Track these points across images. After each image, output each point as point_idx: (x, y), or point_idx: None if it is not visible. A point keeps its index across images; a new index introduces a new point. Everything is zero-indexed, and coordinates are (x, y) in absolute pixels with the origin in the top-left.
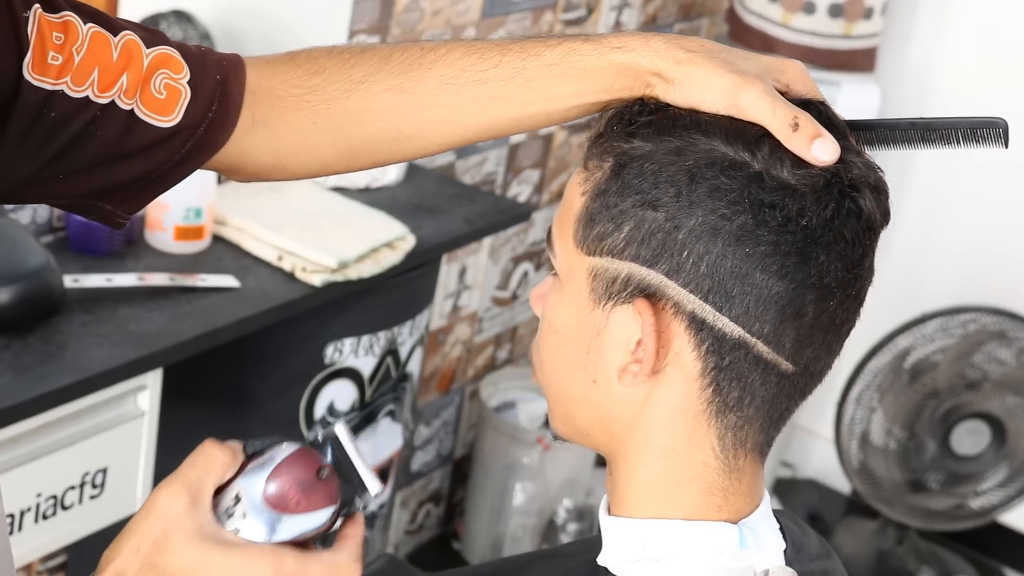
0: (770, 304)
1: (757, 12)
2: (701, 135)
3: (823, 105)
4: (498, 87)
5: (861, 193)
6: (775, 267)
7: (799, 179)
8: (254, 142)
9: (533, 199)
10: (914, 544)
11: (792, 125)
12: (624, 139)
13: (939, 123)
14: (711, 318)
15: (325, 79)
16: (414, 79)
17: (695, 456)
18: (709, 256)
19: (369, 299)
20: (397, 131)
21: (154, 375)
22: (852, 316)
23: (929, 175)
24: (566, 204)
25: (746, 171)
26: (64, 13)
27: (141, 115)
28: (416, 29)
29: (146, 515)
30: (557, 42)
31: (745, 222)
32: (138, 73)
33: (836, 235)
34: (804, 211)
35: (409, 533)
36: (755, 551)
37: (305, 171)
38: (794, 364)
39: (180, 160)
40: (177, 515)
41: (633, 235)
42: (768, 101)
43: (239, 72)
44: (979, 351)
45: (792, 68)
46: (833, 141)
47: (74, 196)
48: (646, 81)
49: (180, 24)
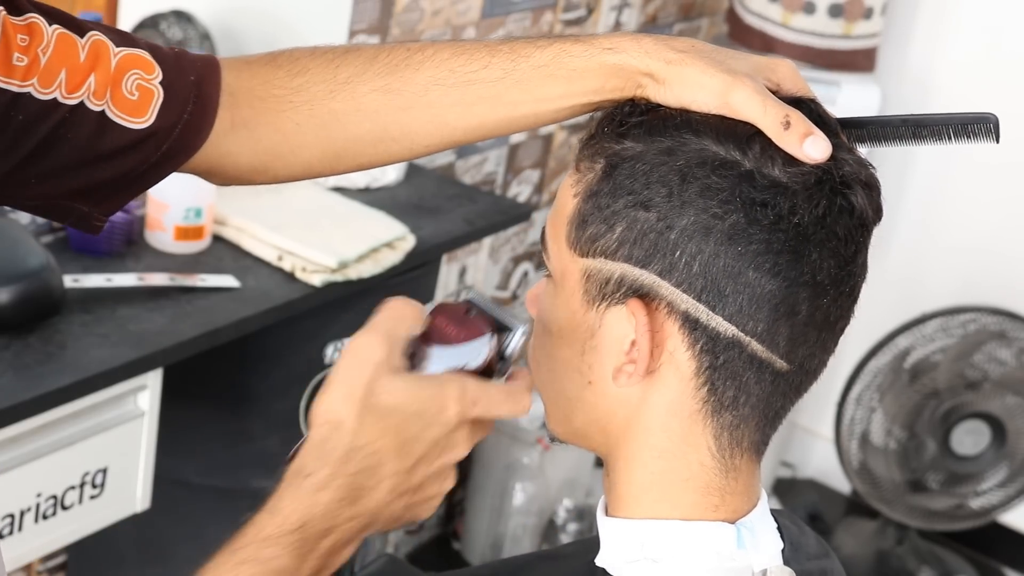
0: (763, 303)
1: (757, 12)
2: (692, 135)
3: (814, 103)
4: (487, 88)
5: (853, 190)
6: (768, 265)
7: (790, 177)
8: (234, 144)
9: (533, 199)
10: (914, 544)
11: (783, 123)
12: (615, 140)
13: (930, 119)
14: (705, 317)
15: (308, 79)
16: (401, 80)
17: (691, 456)
18: (702, 255)
19: (369, 299)
20: (384, 132)
21: (154, 375)
22: (846, 313)
23: (929, 174)
24: (558, 206)
25: (737, 170)
26: (28, 15)
27: (113, 117)
28: (416, 29)
29: (350, 366)
30: (547, 43)
31: (737, 221)
32: (106, 73)
33: (828, 232)
34: (796, 209)
35: (409, 533)
36: (753, 551)
37: (288, 174)
38: (788, 362)
39: (157, 162)
40: (381, 361)
41: (625, 236)
42: (759, 99)
43: (214, 73)
44: (979, 351)
45: (782, 67)
46: (825, 139)
47: (49, 198)
48: (637, 82)
49: (180, 24)
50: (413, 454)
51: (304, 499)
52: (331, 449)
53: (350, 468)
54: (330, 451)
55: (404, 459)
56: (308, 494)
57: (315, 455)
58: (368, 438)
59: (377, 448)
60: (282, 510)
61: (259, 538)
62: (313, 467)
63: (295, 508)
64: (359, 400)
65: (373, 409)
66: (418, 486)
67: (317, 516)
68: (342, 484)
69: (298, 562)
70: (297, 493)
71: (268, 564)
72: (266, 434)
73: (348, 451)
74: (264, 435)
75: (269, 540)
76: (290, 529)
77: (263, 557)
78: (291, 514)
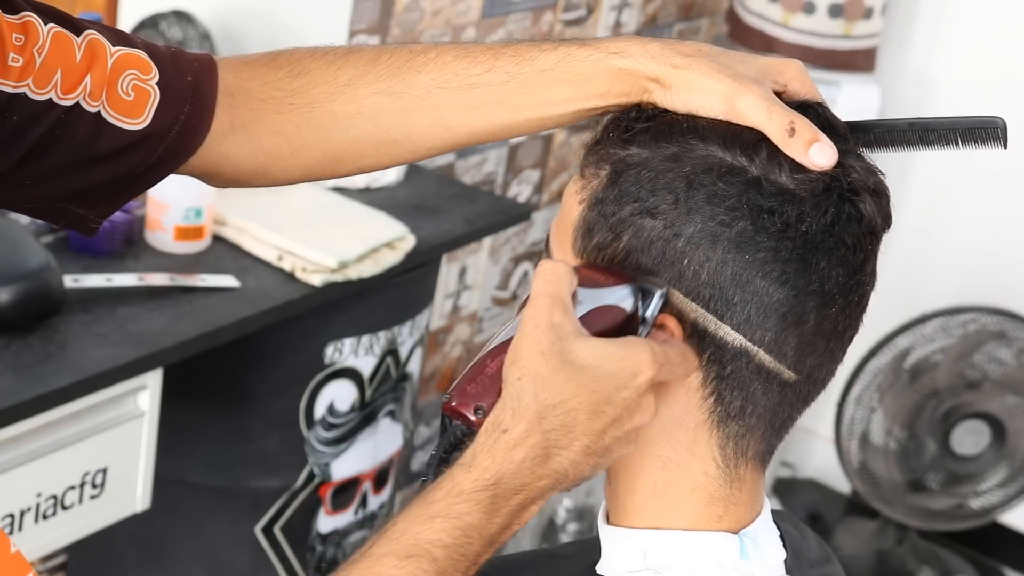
0: (771, 312)
1: (757, 12)
2: (698, 141)
3: (821, 107)
4: (491, 91)
5: (861, 197)
6: (775, 274)
7: (798, 184)
8: (233, 146)
9: (533, 199)
10: (914, 544)
11: (789, 130)
12: (620, 146)
13: (937, 123)
14: (712, 327)
15: (309, 81)
16: (403, 82)
17: (696, 466)
18: (709, 263)
19: (369, 299)
20: (385, 135)
21: (154, 375)
22: (855, 322)
23: (929, 175)
24: (563, 212)
25: (744, 176)
26: (24, 14)
27: (109, 117)
28: (416, 29)
29: (535, 328)
30: (552, 47)
31: (744, 228)
32: (102, 73)
33: (837, 241)
34: (803, 216)
35: None
36: (756, 561)
37: (287, 176)
38: (796, 372)
39: (153, 164)
40: (560, 321)
41: (632, 244)
42: (764, 106)
43: (212, 73)
44: (979, 351)
45: (790, 68)
46: (831, 145)
47: (43, 200)
48: (643, 87)
49: (180, 24)
50: (606, 415)
51: (499, 455)
52: (527, 405)
53: (545, 425)
54: (526, 407)
55: (597, 420)
56: (504, 450)
57: (511, 410)
58: (563, 395)
59: (572, 407)
60: (478, 465)
61: (453, 492)
62: (509, 423)
63: (490, 465)
64: (554, 355)
65: (568, 366)
66: (606, 448)
67: (509, 473)
68: (537, 442)
69: (487, 519)
70: (494, 448)
71: (460, 520)
72: (266, 434)
73: (544, 407)
74: (264, 435)
75: (463, 495)
76: (484, 485)
77: (455, 512)
78: (486, 471)
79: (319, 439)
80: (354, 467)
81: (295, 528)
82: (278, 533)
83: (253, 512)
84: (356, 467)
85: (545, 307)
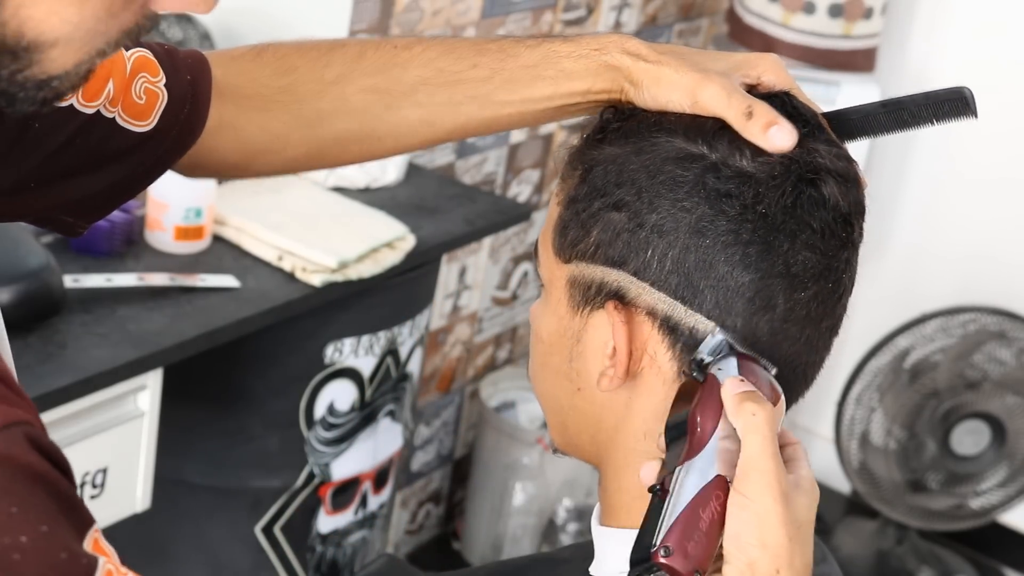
0: (738, 296)
1: (757, 12)
2: (664, 134)
3: (788, 95)
4: (475, 88)
5: (822, 179)
6: (737, 257)
7: (756, 167)
8: (220, 141)
9: (533, 199)
10: (914, 544)
11: (747, 114)
12: (595, 146)
13: (908, 100)
14: (681, 315)
15: (296, 79)
16: (389, 79)
17: None
18: (673, 251)
19: (369, 299)
20: (371, 131)
21: (154, 375)
22: (831, 311)
23: (929, 174)
24: (548, 215)
25: (702, 163)
26: None
27: (121, 122)
28: (416, 29)
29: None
30: (536, 43)
31: (703, 213)
32: (122, 78)
33: (799, 223)
34: (760, 197)
35: (409, 533)
36: None
37: (270, 169)
38: (772, 360)
39: (152, 165)
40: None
41: (601, 238)
42: (724, 95)
43: (206, 72)
44: (979, 351)
45: (764, 61)
46: (790, 127)
47: (39, 210)
48: (622, 85)
49: (180, 24)
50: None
51: None
52: None
53: None
54: None
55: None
56: None
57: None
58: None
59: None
60: None
61: None
62: None
63: None
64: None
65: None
66: None
67: None
68: None
69: None
70: None
71: None
72: (266, 434)
73: None
74: (264, 435)
75: None
76: None
77: None
78: None
79: (319, 439)
80: (354, 467)
81: (295, 528)
82: (278, 533)
83: (253, 512)
84: (356, 467)
85: (776, 474)
